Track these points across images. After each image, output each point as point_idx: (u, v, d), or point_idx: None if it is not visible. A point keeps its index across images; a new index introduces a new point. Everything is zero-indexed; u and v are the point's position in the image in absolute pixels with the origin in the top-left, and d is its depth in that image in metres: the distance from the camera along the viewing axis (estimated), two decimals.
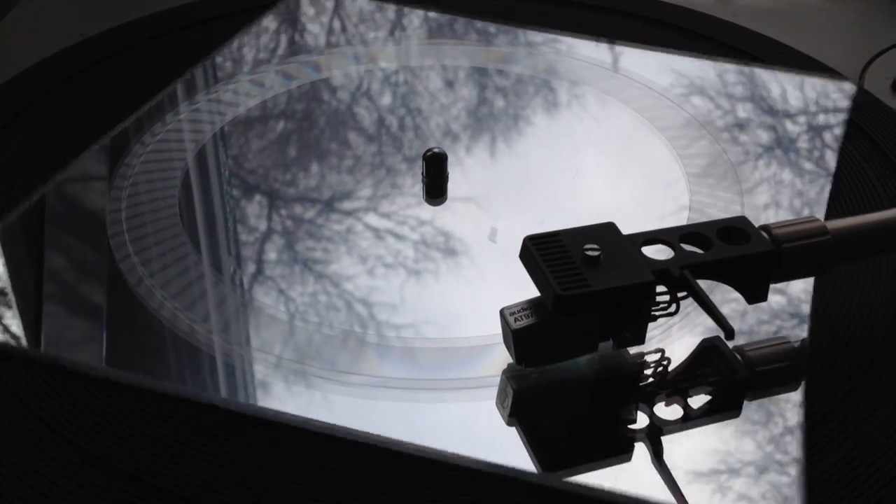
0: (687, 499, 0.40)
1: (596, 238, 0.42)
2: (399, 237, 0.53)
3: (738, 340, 0.45)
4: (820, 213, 0.54)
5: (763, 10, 0.78)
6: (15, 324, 0.47)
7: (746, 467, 0.41)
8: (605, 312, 0.41)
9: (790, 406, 0.43)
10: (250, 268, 0.51)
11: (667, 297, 0.43)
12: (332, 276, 0.50)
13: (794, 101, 0.64)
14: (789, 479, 0.40)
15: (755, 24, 0.74)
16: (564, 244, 0.42)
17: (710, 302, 0.42)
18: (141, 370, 0.45)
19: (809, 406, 0.43)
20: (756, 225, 0.45)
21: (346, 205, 0.55)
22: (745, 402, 0.43)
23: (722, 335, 0.42)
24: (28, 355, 0.45)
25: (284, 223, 0.54)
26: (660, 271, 0.42)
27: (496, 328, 0.43)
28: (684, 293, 0.43)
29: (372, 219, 0.54)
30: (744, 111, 0.63)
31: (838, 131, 0.61)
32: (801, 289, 0.49)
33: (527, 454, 0.41)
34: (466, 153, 0.60)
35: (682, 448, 0.42)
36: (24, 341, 0.46)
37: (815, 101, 0.64)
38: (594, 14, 0.74)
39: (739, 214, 0.49)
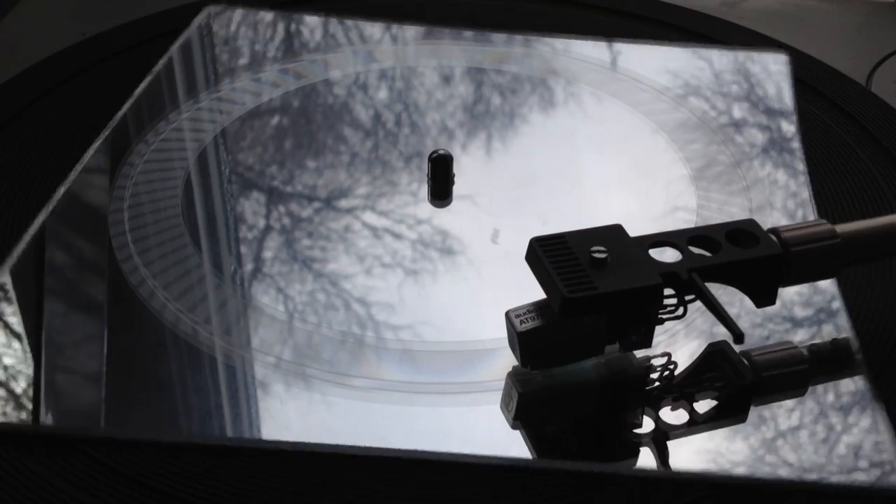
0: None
1: (603, 240, 0.42)
2: (405, 239, 0.53)
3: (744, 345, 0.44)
4: (827, 216, 0.54)
5: (769, 12, 0.78)
6: (15, 320, 0.47)
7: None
8: (611, 315, 0.41)
9: (804, 408, 0.43)
10: (255, 269, 0.51)
11: (674, 301, 0.42)
12: (331, 275, 0.50)
13: (796, 94, 0.64)
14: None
15: (762, 27, 0.73)
16: (571, 246, 0.42)
17: (719, 305, 0.41)
18: (140, 370, 0.45)
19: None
20: (765, 228, 0.44)
21: (350, 206, 0.55)
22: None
23: (730, 339, 0.41)
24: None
25: (287, 224, 0.54)
26: (668, 274, 0.42)
27: (501, 331, 0.42)
28: (692, 296, 0.42)
29: (379, 220, 0.54)
30: (744, 106, 0.63)
31: (843, 130, 0.61)
32: (810, 292, 0.48)
33: (531, 458, 0.41)
34: (470, 154, 0.59)
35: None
36: (27, 342, 0.46)
37: (821, 95, 0.64)
38: (599, 15, 0.74)
39: (746, 217, 0.49)
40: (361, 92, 0.65)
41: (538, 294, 0.42)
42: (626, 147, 0.60)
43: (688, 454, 0.41)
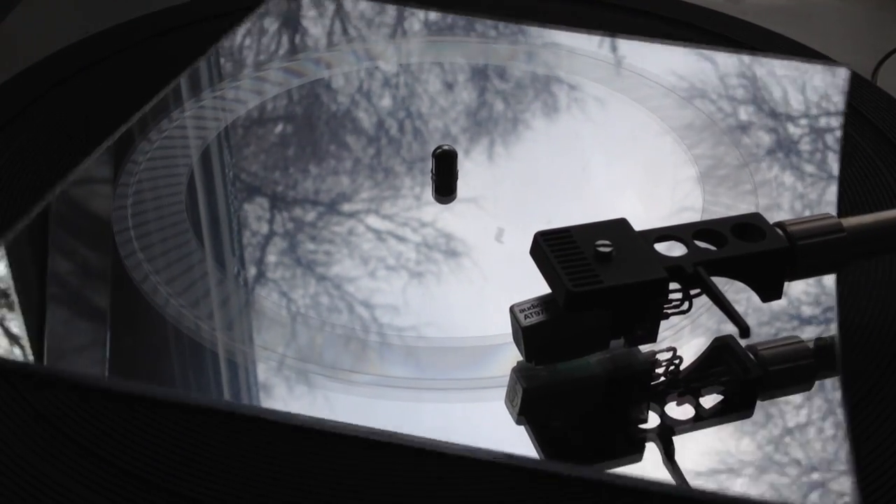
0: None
1: (608, 234, 0.42)
2: (410, 239, 0.52)
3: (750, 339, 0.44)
4: (833, 210, 0.54)
5: (774, 7, 0.77)
6: (18, 323, 0.47)
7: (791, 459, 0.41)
8: (616, 309, 0.41)
9: (812, 403, 0.43)
10: (265, 268, 0.51)
11: (679, 295, 0.42)
12: (334, 277, 0.50)
13: (802, 93, 0.64)
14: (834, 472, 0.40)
15: (766, 22, 0.73)
16: (576, 240, 0.41)
17: (725, 299, 0.41)
18: (144, 368, 0.44)
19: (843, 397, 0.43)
20: (770, 222, 0.44)
21: (356, 206, 0.55)
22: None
23: (736, 333, 0.41)
24: (39, 371, 0.43)
25: (291, 224, 0.54)
26: (673, 268, 0.41)
27: (506, 328, 0.42)
28: (697, 291, 0.42)
29: (383, 220, 0.54)
30: (752, 105, 0.63)
31: (850, 126, 0.61)
32: (816, 286, 0.48)
33: (536, 454, 0.41)
34: (475, 152, 0.59)
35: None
36: (27, 341, 0.45)
37: (823, 92, 0.64)
38: (604, 12, 0.74)
39: (753, 211, 0.48)
40: (367, 91, 0.65)
41: (544, 290, 0.41)
42: (634, 145, 0.60)
43: (694, 450, 0.41)
